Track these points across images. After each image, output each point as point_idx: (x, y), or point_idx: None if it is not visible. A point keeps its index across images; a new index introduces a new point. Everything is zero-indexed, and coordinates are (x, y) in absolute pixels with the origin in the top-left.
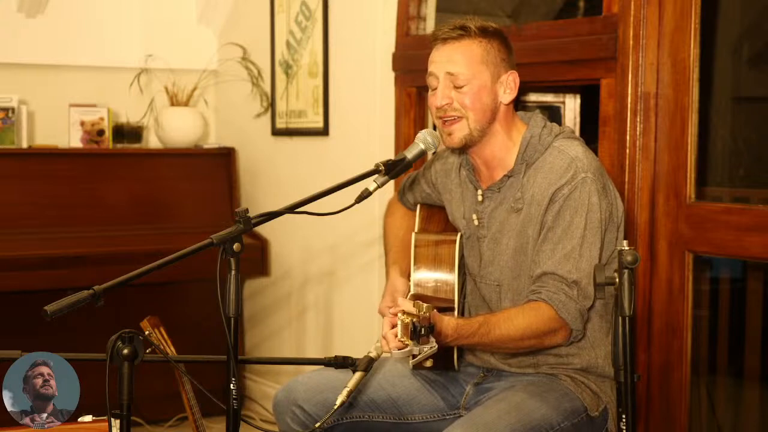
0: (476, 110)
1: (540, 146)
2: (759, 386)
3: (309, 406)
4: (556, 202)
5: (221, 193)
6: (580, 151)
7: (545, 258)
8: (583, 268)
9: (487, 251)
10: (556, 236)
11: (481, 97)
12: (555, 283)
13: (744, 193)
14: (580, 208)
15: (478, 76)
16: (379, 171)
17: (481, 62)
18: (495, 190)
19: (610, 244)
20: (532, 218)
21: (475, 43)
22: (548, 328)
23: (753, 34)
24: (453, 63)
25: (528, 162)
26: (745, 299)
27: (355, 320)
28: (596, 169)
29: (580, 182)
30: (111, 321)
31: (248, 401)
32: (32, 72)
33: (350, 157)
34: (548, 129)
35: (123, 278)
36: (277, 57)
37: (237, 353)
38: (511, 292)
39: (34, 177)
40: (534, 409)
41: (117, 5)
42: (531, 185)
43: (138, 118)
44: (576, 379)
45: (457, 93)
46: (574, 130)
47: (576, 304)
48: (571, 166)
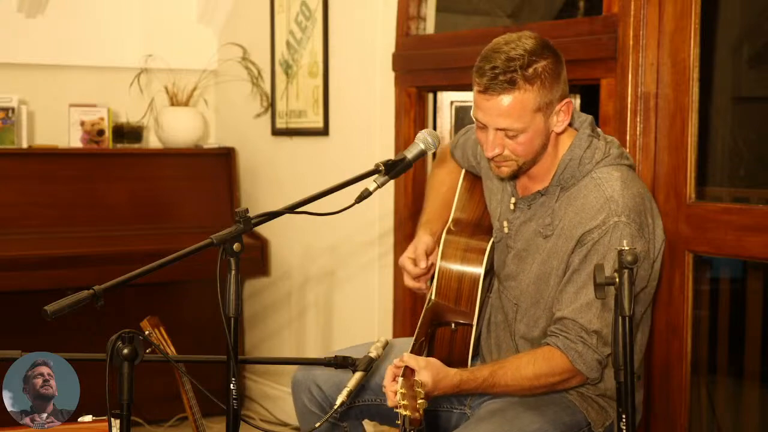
0: (527, 155)
1: (578, 173)
2: (759, 386)
3: (327, 387)
4: (584, 245)
5: (221, 193)
6: (617, 188)
7: (567, 302)
8: (606, 318)
9: (512, 264)
10: (581, 280)
11: (534, 143)
12: (575, 330)
13: (744, 193)
14: (608, 255)
15: (531, 125)
16: (379, 171)
17: (533, 110)
18: (527, 203)
19: (642, 280)
20: (558, 251)
21: (526, 92)
22: (560, 379)
23: (753, 34)
24: (504, 118)
25: (563, 186)
26: (745, 299)
27: (355, 320)
28: (632, 209)
29: (611, 227)
30: (111, 321)
31: (248, 401)
32: (32, 72)
33: (350, 157)
34: (591, 151)
35: (123, 278)
36: (277, 57)
37: (237, 353)
38: (526, 318)
39: (34, 177)
40: (528, 423)
41: (117, 5)
42: (562, 216)
43: (138, 118)
44: (584, 394)
45: (510, 141)
46: (623, 149)
47: (594, 354)
48: (604, 208)
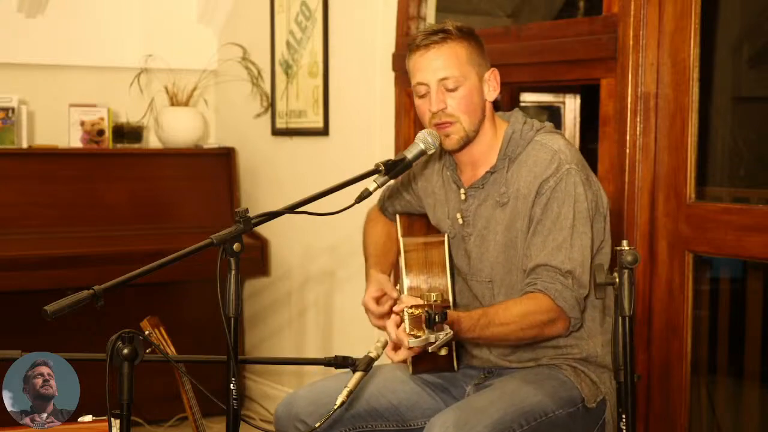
0: (469, 112)
1: (522, 141)
2: (759, 386)
3: (311, 420)
4: (543, 194)
5: (221, 193)
6: (562, 143)
7: (537, 251)
8: (576, 258)
9: (475, 248)
10: (545, 228)
11: (473, 99)
12: (549, 273)
13: (744, 193)
14: (567, 199)
15: (467, 77)
16: (379, 171)
17: (467, 63)
18: (478, 187)
19: (599, 233)
20: (519, 212)
21: (458, 44)
22: (547, 318)
23: (753, 34)
24: (443, 67)
25: (510, 157)
26: (745, 299)
27: (355, 320)
28: (579, 161)
29: (564, 174)
30: (111, 321)
31: (248, 401)
32: (32, 72)
33: (350, 157)
34: (529, 125)
35: (123, 278)
36: (277, 57)
37: (237, 353)
38: (504, 287)
39: (34, 177)
40: (528, 396)
41: (117, 5)
42: (515, 179)
43: (138, 118)
44: (576, 368)
45: (450, 97)
46: (555, 126)
47: (572, 292)
48: (555, 159)
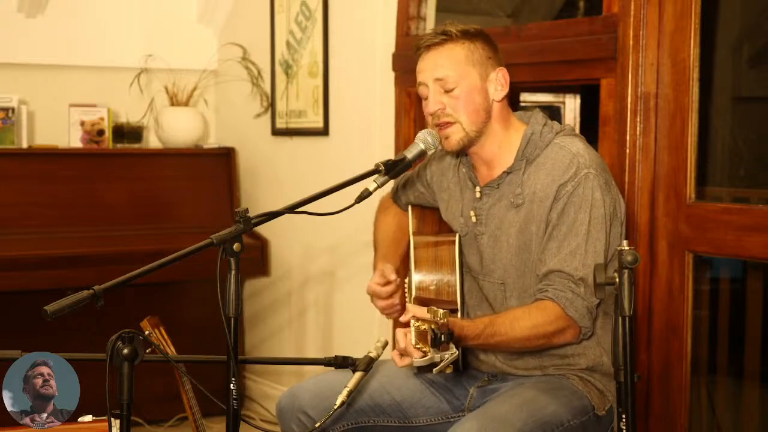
0: (469, 112)
1: (541, 143)
2: (759, 386)
3: (315, 413)
4: (560, 199)
5: (221, 193)
6: (581, 147)
7: (551, 256)
8: (590, 265)
9: (488, 248)
10: (561, 234)
11: (473, 99)
12: (561, 281)
13: (744, 193)
14: (584, 205)
15: (466, 77)
16: (379, 171)
17: (466, 63)
18: (494, 186)
19: (615, 239)
20: (534, 215)
21: (458, 45)
22: (556, 328)
23: (753, 34)
24: (439, 68)
25: (528, 158)
26: (745, 299)
27: (355, 320)
28: (598, 165)
29: (583, 178)
30: (111, 321)
31: (248, 401)
32: (32, 72)
33: (350, 157)
34: (549, 126)
35: (123, 278)
36: (277, 57)
37: (237, 353)
38: (516, 291)
39: (34, 177)
40: (545, 405)
41: (117, 5)
42: (532, 181)
43: (138, 118)
44: (583, 378)
45: (449, 98)
46: (575, 129)
47: (583, 301)
48: (574, 162)
